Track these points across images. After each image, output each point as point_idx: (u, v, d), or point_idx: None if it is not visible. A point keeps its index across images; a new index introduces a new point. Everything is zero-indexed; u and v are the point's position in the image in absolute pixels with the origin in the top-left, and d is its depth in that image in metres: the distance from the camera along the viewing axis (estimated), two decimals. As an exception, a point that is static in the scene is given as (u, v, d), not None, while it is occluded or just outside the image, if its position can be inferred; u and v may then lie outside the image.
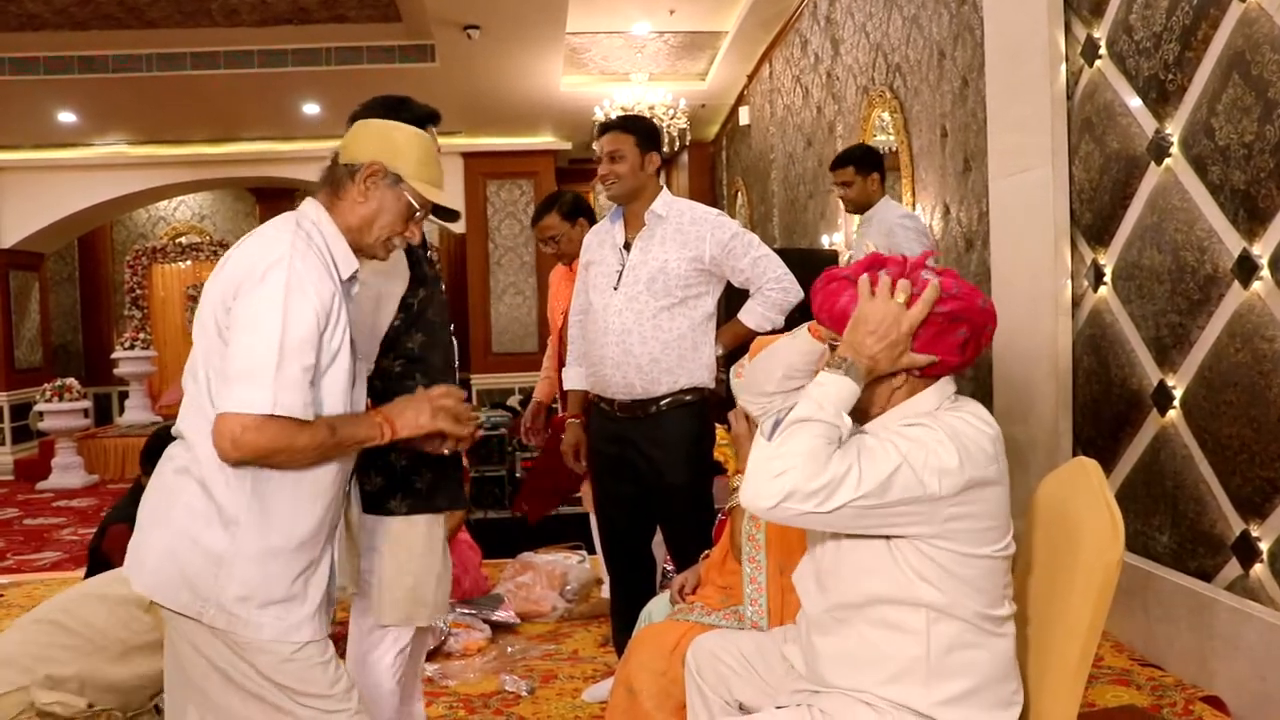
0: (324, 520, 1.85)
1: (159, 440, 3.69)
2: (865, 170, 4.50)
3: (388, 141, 1.89)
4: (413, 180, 1.89)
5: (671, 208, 3.02)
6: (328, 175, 1.92)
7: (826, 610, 1.74)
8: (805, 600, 1.83)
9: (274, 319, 1.69)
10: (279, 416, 1.67)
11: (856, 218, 5.04)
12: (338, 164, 1.91)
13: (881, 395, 1.72)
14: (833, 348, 1.75)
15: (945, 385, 1.73)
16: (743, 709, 1.95)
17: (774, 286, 3.00)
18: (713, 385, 3.06)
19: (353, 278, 1.90)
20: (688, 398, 2.97)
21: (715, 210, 3.07)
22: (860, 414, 1.73)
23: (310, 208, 1.90)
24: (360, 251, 1.92)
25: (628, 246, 3.03)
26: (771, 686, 1.91)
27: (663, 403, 2.96)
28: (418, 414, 1.91)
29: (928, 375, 1.71)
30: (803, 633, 1.82)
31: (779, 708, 1.79)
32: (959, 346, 1.68)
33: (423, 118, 1.98)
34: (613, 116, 3.25)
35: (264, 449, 1.68)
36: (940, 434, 1.59)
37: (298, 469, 1.77)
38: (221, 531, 1.74)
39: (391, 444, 1.91)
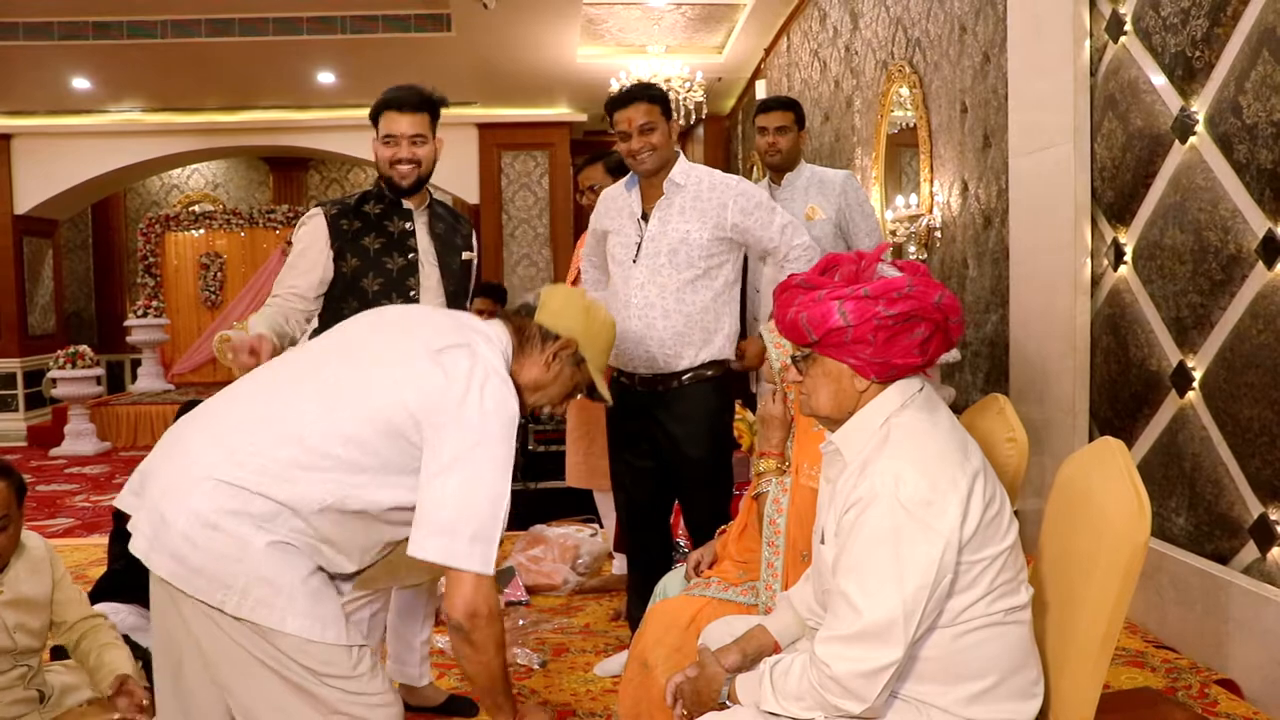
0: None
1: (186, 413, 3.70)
2: (801, 123, 3.91)
3: (589, 323, 1.91)
4: (592, 366, 1.92)
5: (690, 175, 2.92)
6: (516, 321, 1.91)
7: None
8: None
9: (497, 477, 1.68)
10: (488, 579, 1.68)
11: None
12: (531, 319, 1.89)
13: (849, 400, 1.69)
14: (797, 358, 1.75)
15: (908, 384, 1.69)
16: None
17: (800, 255, 2.91)
18: (733, 356, 3.00)
19: None
20: (709, 371, 2.93)
21: (735, 177, 2.96)
22: (831, 422, 1.73)
23: (500, 340, 1.87)
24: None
25: (645, 217, 2.95)
26: None
27: (684, 377, 2.92)
28: None
29: (886, 379, 1.67)
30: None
31: None
32: (917, 346, 1.64)
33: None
34: (626, 87, 3.11)
35: (486, 613, 1.67)
36: (900, 484, 1.53)
37: (481, 666, 1.74)
38: (254, 529, 1.68)
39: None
